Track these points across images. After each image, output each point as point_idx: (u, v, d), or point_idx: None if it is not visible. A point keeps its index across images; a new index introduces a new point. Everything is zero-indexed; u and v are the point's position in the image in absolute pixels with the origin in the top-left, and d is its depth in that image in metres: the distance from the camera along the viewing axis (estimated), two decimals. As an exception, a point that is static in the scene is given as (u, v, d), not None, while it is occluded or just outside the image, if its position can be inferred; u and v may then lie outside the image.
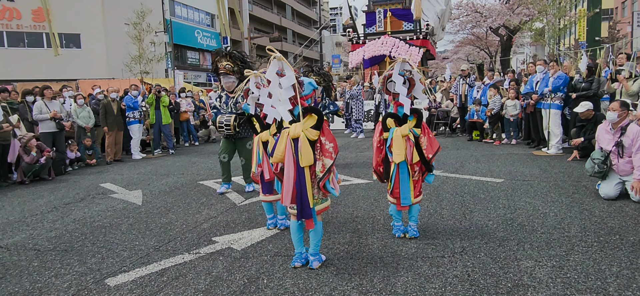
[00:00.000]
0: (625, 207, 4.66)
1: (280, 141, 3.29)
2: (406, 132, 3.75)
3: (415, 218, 4.00)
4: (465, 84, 11.34)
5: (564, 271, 3.18)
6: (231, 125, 5.75)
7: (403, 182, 3.81)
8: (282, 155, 3.26)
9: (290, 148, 3.24)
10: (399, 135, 3.73)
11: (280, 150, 3.26)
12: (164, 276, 3.41)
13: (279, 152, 3.27)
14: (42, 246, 4.23)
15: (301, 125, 3.23)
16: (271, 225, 4.42)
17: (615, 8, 37.42)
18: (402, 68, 3.77)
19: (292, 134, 3.23)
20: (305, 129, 3.22)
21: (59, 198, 6.38)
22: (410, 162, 3.78)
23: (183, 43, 33.48)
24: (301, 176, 3.26)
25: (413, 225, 3.99)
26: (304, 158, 3.21)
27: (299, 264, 3.41)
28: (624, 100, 5.42)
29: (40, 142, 8.04)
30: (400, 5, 19.49)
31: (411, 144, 3.77)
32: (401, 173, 3.80)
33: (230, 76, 5.68)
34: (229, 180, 6.21)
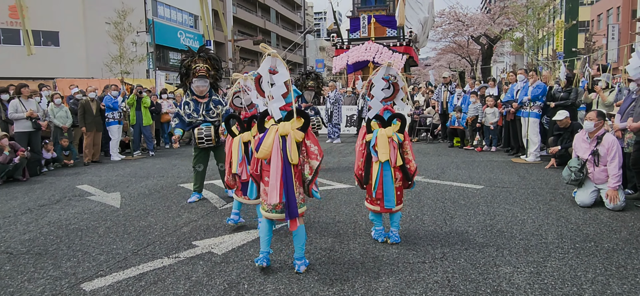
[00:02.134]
0: (600, 214, 4.77)
1: (267, 136, 3.25)
2: (390, 133, 3.78)
3: (397, 224, 4.02)
4: (447, 91, 11.49)
5: (542, 277, 3.23)
6: (212, 137, 5.42)
7: (387, 184, 3.81)
8: (268, 151, 3.22)
9: (278, 145, 3.21)
10: (383, 135, 3.77)
11: (267, 144, 3.23)
12: (142, 281, 3.34)
13: (266, 147, 3.23)
14: (15, 250, 4.10)
15: (290, 124, 3.24)
16: (232, 221, 4.48)
17: (592, 20, 38.56)
18: (388, 72, 3.81)
19: (281, 131, 3.22)
20: (293, 129, 3.24)
21: (34, 199, 6.20)
22: (393, 164, 3.80)
23: (165, 44, 33.10)
24: (289, 173, 3.25)
25: (395, 231, 4.00)
26: (293, 156, 3.21)
27: (264, 264, 3.40)
28: (601, 111, 5.55)
29: (14, 141, 7.81)
30: (384, 12, 19.67)
31: (395, 146, 3.80)
32: (385, 175, 3.80)
33: (206, 79, 5.39)
34: (201, 190, 5.90)
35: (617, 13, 33.69)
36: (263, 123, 3.40)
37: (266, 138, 3.25)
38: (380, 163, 3.77)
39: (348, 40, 19.70)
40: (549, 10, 29.63)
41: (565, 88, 8.43)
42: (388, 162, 3.77)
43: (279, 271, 3.44)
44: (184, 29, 35.74)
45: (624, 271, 3.32)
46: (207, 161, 5.93)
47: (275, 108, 3.29)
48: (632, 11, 31.35)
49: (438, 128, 12.23)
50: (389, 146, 3.76)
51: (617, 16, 33.49)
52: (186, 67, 5.43)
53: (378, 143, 3.75)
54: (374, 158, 3.81)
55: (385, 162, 3.76)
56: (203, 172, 5.88)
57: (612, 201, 4.86)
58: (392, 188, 3.82)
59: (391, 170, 3.80)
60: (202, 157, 5.83)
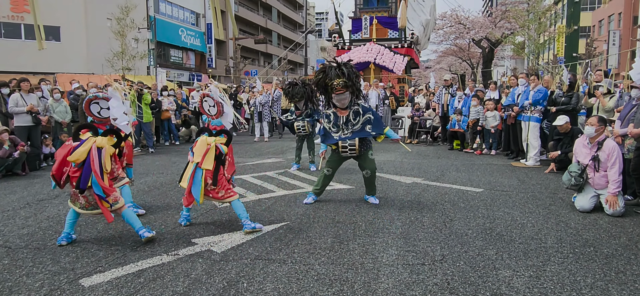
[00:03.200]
0: (599, 219, 4.78)
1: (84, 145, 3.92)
2: (211, 141, 4.38)
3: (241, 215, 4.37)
4: (448, 94, 11.50)
5: (541, 281, 3.23)
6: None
7: (196, 183, 4.30)
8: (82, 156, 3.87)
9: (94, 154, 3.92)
10: (203, 139, 4.41)
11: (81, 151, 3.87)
12: (141, 277, 3.33)
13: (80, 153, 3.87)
14: (14, 244, 4.10)
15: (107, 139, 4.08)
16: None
17: (593, 26, 38.60)
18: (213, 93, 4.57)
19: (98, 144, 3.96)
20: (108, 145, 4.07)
21: (33, 194, 6.19)
22: (201, 164, 4.30)
23: (166, 41, 33.06)
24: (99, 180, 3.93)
25: (246, 221, 4.34)
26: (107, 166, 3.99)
27: (64, 242, 4.03)
28: (602, 116, 5.56)
29: (14, 135, 7.80)
30: (386, 13, 19.66)
31: (207, 150, 4.32)
32: (196, 174, 4.33)
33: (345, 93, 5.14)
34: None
35: (618, 19, 33.73)
36: (78, 134, 4.08)
37: (83, 145, 3.90)
38: (194, 163, 4.34)
39: (349, 40, 19.69)
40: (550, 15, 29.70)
41: (567, 93, 8.43)
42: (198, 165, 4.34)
43: (278, 270, 3.44)
44: (186, 26, 35.70)
45: (623, 276, 3.32)
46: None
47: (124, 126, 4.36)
48: (633, 17, 31.42)
49: (438, 131, 12.24)
50: (204, 150, 4.33)
51: (618, 22, 33.53)
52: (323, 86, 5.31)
53: (196, 146, 4.41)
54: (190, 158, 4.42)
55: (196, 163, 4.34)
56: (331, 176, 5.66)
57: (611, 206, 4.86)
58: (200, 187, 4.29)
59: (201, 172, 4.31)
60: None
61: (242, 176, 7.25)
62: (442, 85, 12.08)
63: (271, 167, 8.12)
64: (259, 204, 5.48)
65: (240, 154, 10.08)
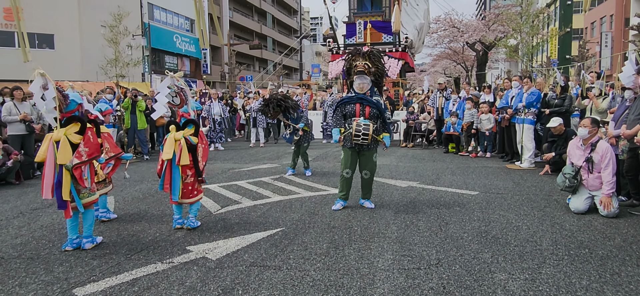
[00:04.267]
0: (594, 221, 4.79)
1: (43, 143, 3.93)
2: (179, 136, 4.45)
3: (194, 212, 4.65)
4: (442, 97, 11.53)
5: (536, 284, 3.23)
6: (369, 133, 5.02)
7: (174, 180, 4.43)
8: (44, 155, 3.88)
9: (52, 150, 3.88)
10: (171, 137, 4.46)
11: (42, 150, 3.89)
12: (135, 286, 3.31)
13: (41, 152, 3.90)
14: (6, 254, 4.06)
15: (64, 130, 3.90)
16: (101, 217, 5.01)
17: (585, 28, 38.91)
18: (171, 83, 4.56)
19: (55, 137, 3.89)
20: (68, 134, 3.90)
21: (26, 203, 6.14)
22: (178, 161, 4.39)
23: (161, 47, 33.02)
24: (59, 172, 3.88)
25: (191, 217, 4.62)
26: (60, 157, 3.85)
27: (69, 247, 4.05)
28: (595, 118, 5.59)
29: (7, 144, 7.75)
30: (380, 18, 19.73)
31: (181, 147, 4.40)
32: (173, 172, 4.43)
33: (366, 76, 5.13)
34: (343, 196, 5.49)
35: (610, 21, 34.04)
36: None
37: (42, 145, 3.92)
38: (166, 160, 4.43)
39: (344, 45, 19.75)
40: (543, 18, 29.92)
41: (560, 95, 8.48)
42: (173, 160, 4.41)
43: (273, 277, 3.42)
44: (180, 32, 35.70)
45: (618, 278, 3.33)
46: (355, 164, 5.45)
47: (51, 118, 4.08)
48: (624, 19, 31.69)
49: (433, 134, 12.26)
50: (173, 146, 4.40)
51: (610, 24, 33.84)
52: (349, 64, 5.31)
53: (165, 143, 4.48)
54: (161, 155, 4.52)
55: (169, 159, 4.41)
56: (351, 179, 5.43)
57: (606, 208, 4.88)
58: (179, 182, 4.43)
59: (178, 168, 4.42)
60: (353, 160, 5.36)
61: (238, 182, 7.22)
62: (437, 88, 12.12)
63: (267, 173, 8.11)
64: (255, 210, 5.47)
65: (236, 160, 10.06)
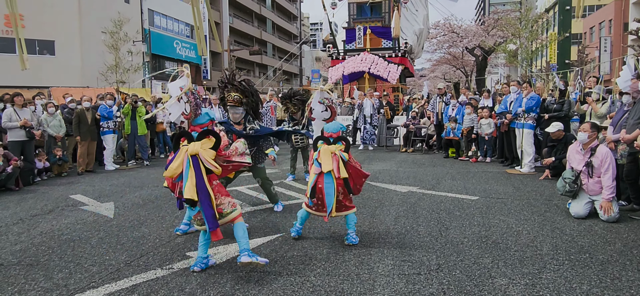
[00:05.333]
0: (594, 225, 4.79)
1: (177, 157, 3.57)
2: (333, 149, 4.17)
3: (352, 226, 4.31)
4: (442, 102, 11.55)
5: (537, 289, 3.23)
6: None
7: (328, 194, 4.10)
8: (176, 171, 3.55)
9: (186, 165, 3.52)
10: (326, 149, 4.17)
11: (175, 165, 3.54)
12: (135, 292, 3.30)
13: (175, 167, 3.54)
14: (6, 260, 4.05)
15: (200, 144, 3.56)
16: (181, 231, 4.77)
17: (584, 33, 39.02)
18: (322, 96, 4.24)
19: (191, 151, 3.53)
20: (203, 148, 3.56)
21: (26, 209, 6.14)
22: (336, 175, 4.09)
23: (161, 53, 33.09)
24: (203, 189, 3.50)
25: (351, 233, 4.29)
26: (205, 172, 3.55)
27: (197, 268, 3.64)
28: (595, 122, 5.60)
29: (7, 151, 7.75)
30: (379, 23, 19.80)
31: (337, 159, 4.12)
32: (327, 184, 4.11)
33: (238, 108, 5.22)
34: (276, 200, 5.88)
35: (609, 26, 34.12)
36: (178, 144, 3.66)
37: (176, 158, 3.58)
38: (323, 173, 4.11)
39: (344, 50, 19.80)
40: (542, 23, 30.02)
41: (559, 100, 8.50)
42: (330, 173, 4.09)
43: (274, 282, 3.41)
44: (181, 38, 35.79)
45: (619, 283, 3.32)
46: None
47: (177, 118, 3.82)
48: (623, 24, 31.77)
49: (433, 139, 12.27)
50: (331, 159, 4.11)
51: (609, 29, 33.92)
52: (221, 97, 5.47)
53: (321, 156, 4.16)
54: (317, 169, 4.16)
55: (327, 172, 4.09)
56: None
57: (606, 212, 4.88)
58: (333, 197, 4.11)
59: (333, 181, 4.10)
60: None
61: (238, 187, 7.22)
62: (436, 93, 12.14)
63: (266, 178, 8.10)
64: (254, 216, 5.46)
65: (236, 166, 10.05)
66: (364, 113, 12.97)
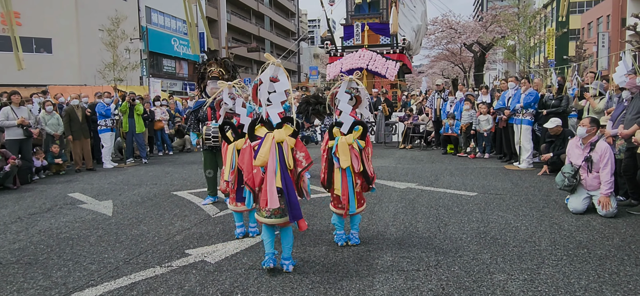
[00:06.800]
0: (592, 221, 4.80)
1: (264, 144, 3.31)
2: (350, 140, 3.89)
3: (356, 227, 4.17)
4: (440, 98, 11.55)
5: (535, 284, 3.24)
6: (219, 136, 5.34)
7: (349, 190, 3.92)
8: (266, 157, 3.27)
9: (274, 152, 3.28)
10: (343, 142, 3.88)
11: (264, 151, 3.28)
12: (134, 290, 3.30)
13: (264, 153, 3.28)
14: (4, 259, 4.04)
15: (284, 131, 3.35)
16: (241, 233, 4.45)
17: (582, 28, 39.03)
18: (349, 86, 4.00)
19: (278, 138, 3.31)
20: (287, 136, 3.36)
21: (24, 208, 6.13)
22: (355, 170, 3.89)
23: (159, 51, 33.02)
24: (288, 178, 3.33)
25: (355, 233, 4.16)
26: (290, 161, 3.34)
27: (271, 265, 3.48)
28: (594, 117, 5.61)
29: (5, 149, 7.73)
30: (377, 20, 19.79)
31: (356, 153, 3.90)
32: (347, 181, 3.91)
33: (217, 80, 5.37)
34: (215, 193, 6.05)
35: (606, 21, 34.13)
36: (253, 131, 3.43)
37: (263, 145, 3.30)
38: (341, 169, 3.89)
39: (342, 47, 19.78)
40: (540, 19, 30.02)
41: (556, 95, 8.50)
42: (349, 168, 3.88)
43: (272, 279, 3.41)
44: (178, 36, 35.69)
45: (617, 278, 3.33)
46: (216, 165, 5.95)
47: (274, 114, 3.38)
48: (621, 19, 31.79)
49: (431, 135, 12.28)
50: (349, 153, 3.87)
51: (607, 24, 33.92)
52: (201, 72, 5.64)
53: (339, 151, 3.89)
54: (336, 165, 3.92)
55: (346, 168, 3.88)
56: (214, 178, 5.98)
57: (604, 208, 4.89)
58: (353, 193, 3.94)
59: (352, 176, 3.92)
60: (211, 161, 5.92)
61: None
62: (435, 89, 12.14)
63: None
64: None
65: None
66: (359, 110, 12.96)
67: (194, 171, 9.01)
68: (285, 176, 3.31)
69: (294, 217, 3.33)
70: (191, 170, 9.12)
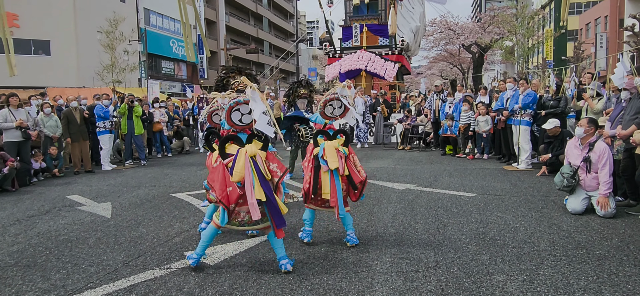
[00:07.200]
0: (591, 221, 4.81)
1: (238, 160, 3.43)
2: (336, 145, 4.02)
3: (350, 227, 4.20)
4: (439, 99, 11.57)
5: (534, 285, 3.24)
6: None
7: (338, 192, 3.97)
8: (242, 173, 3.40)
9: (249, 166, 3.42)
10: (330, 145, 4.00)
11: (240, 167, 3.41)
12: (133, 292, 3.29)
13: (239, 169, 3.40)
14: (3, 262, 4.03)
15: (255, 145, 3.50)
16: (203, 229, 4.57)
17: (580, 29, 39.12)
18: (342, 94, 4.17)
19: (250, 153, 3.45)
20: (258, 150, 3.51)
21: (23, 210, 6.11)
22: (341, 172, 3.97)
23: (157, 52, 33.00)
24: (269, 188, 3.45)
25: (351, 234, 4.19)
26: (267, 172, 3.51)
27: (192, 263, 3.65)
28: (592, 118, 5.62)
29: (3, 151, 7.72)
30: (376, 21, 19.78)
31: (341, 155, 4.00)
32: (336, 182, 3.97)
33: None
34: None
35: (604, 22, 34.22)
36: (224, 149, 3.54)
37: (238, 161, 3.43)
38: (330, 171, 3.96)
39: (340, 48, 19.78)
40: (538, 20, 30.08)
41: (555, 96, 8.52)
42: (337, 170, 3.96)
43: (271, 281, 3.41)
44: (177, 37, 35.67)
45: (616, 278, 3.34)
46: None
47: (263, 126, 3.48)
48: (619, 20, 31.88)
49: (430, 136, 12.29)
50: (336, 155, 3.96)
51: (605, 25, 34.02)
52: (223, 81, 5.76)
53: (326, 153, 3.97)
54: (324, 168, 3.98)
55: (334, 170, 3.95)
56: None
57: (603, 208, 4.90)
58: (341, 195, 4.01)
59: (339, 178, 3.99)
60: None
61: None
62: (433, 90, 12.15)
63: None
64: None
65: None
66: (356, 111, 12.96)
67: (192, 173, 9.01)
68: (266, 187, 3.43)
69: (278, 225, 3.47)
70: (190, 172, 9.12)
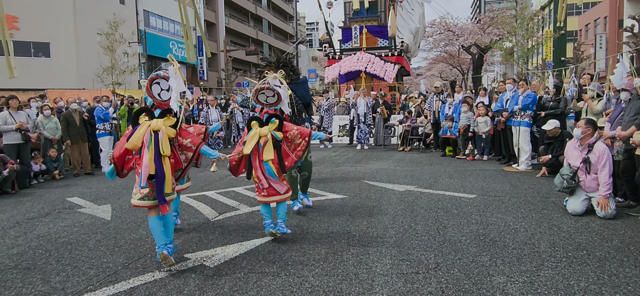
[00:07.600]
0: (591, 222, 4.80)
1: (139, 130, 3.62)
2: (265, 132, 4.24)
3: (282, 216, 4.39)
4: (439, 101, 11.57)
5: (535, 287, 3.23)
6: None
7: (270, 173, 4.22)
8: (138, 142, 3.58)
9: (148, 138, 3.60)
10: (254, 133, 4.25)
11: (137, 137, 3.58)
12: (133, 295, 3.29)
13: (136, 139, 3.58)
14: (2, 264, 4.03)
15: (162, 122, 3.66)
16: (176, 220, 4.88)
17: (580, 30, 39.15)
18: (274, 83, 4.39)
19: (154, 127, 3.61)
20: (165, 125, 3.67)
21: (22, 212, 6.11)
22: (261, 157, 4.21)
23: (157, 54, 32.99)
24: (160, 164, 3.61)
25: (280, 223, 4.35)
26: (164, 148, 3.62)
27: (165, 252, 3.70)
28: (591, 119, 5.62)
29: (3, 154, 7.71)
30: (376, 23, 19.80)
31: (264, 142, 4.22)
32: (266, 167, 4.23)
33: None
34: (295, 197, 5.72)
35: (604, 23, 34.24)
36: (137, 119, 3.71)
37: (137, 131, 3.62)
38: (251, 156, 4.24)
39: (340, 50, 19.80)
40: (537, 21, 30.13)
41: (555, 97, 8.52)
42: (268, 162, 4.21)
43: (272, 283, 3.41)
44: (176, 39, 35.70)
45: (616, 279, 3.33)
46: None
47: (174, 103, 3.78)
48: (618, 21, 31.91)
49: (430, 138, 12.28)
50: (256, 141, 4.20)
51: (604, 26, 34.04)
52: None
53: (247, 138, 4.28)
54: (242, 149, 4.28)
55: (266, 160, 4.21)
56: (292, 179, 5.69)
57: (603, 209, 4.90)
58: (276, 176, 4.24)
59: (271, 166, 4.23)
60: None
61: (235, 188, 7.21)
62: (433, 92, 12.15)
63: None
64: (252, 216, 5.45)
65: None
66: (358, 113, 12.97)
67: (192, 174, 8.98)
68: (158, 162, 3.57)
69: (160, 201, 3.64)
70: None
